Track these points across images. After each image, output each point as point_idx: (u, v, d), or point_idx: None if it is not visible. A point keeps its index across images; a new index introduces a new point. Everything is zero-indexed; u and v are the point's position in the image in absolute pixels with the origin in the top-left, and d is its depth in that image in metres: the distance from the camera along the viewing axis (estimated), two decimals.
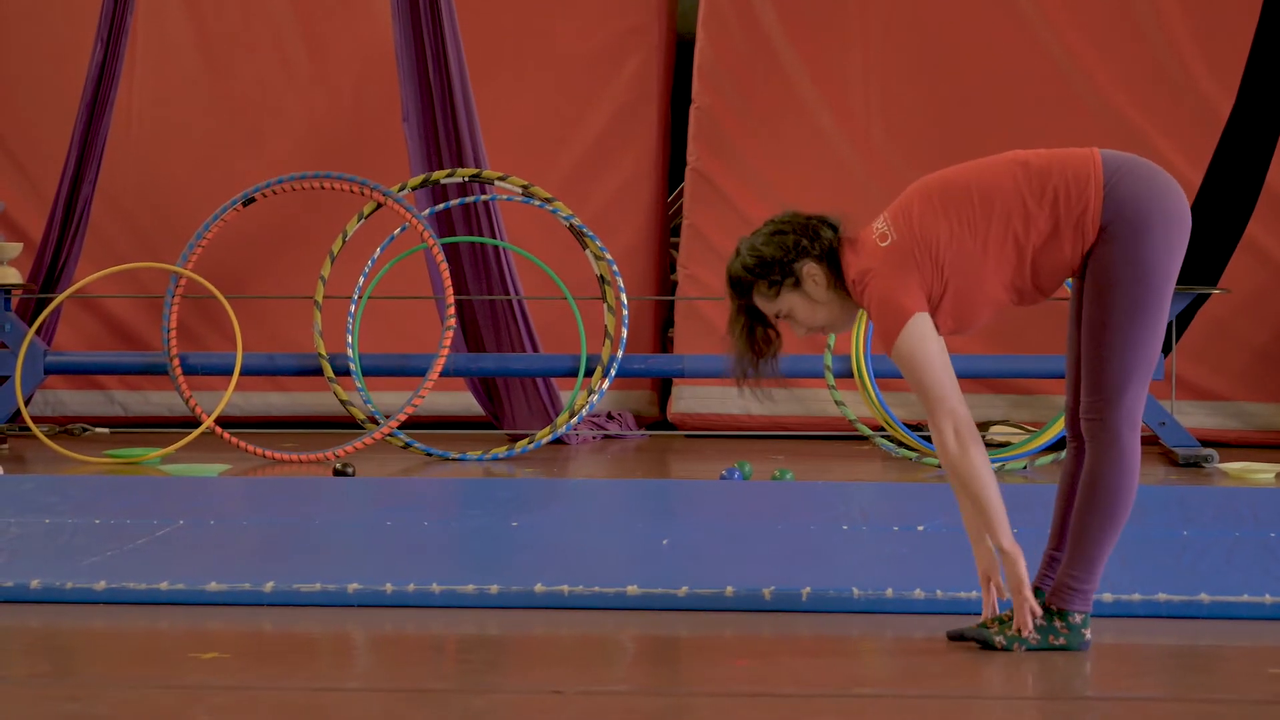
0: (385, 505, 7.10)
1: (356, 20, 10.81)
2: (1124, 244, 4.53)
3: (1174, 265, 4.58)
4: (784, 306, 4.71)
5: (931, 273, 4.58)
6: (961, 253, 4.57)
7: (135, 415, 10.69)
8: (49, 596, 5.27)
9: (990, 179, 4.63)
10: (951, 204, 4.61)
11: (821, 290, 4.69)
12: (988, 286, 4.60)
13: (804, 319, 4.72)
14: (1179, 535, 6.15)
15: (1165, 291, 4.56)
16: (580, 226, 9.40)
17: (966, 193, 4.62)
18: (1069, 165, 4.60)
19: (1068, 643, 4.64)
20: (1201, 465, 8.91)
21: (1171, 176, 4.64)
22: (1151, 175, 4.60)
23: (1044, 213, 4.57)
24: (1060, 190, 4.57)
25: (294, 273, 10.53)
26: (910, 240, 4.59)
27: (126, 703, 4.18)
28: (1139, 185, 4.56)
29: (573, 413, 9.29)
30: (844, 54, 10.58)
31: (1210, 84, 10.19)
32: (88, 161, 9.89)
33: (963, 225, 4.59)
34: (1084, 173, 4.57)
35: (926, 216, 4.61)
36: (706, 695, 4.31)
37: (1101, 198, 4.54)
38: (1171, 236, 4.56)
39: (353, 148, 10.67)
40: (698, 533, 6.37)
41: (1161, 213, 4.55)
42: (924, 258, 4.58)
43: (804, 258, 4.70)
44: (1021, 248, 4.58)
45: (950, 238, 4.58)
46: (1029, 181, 4.60)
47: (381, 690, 4.34)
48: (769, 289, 4.70)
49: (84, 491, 7.23)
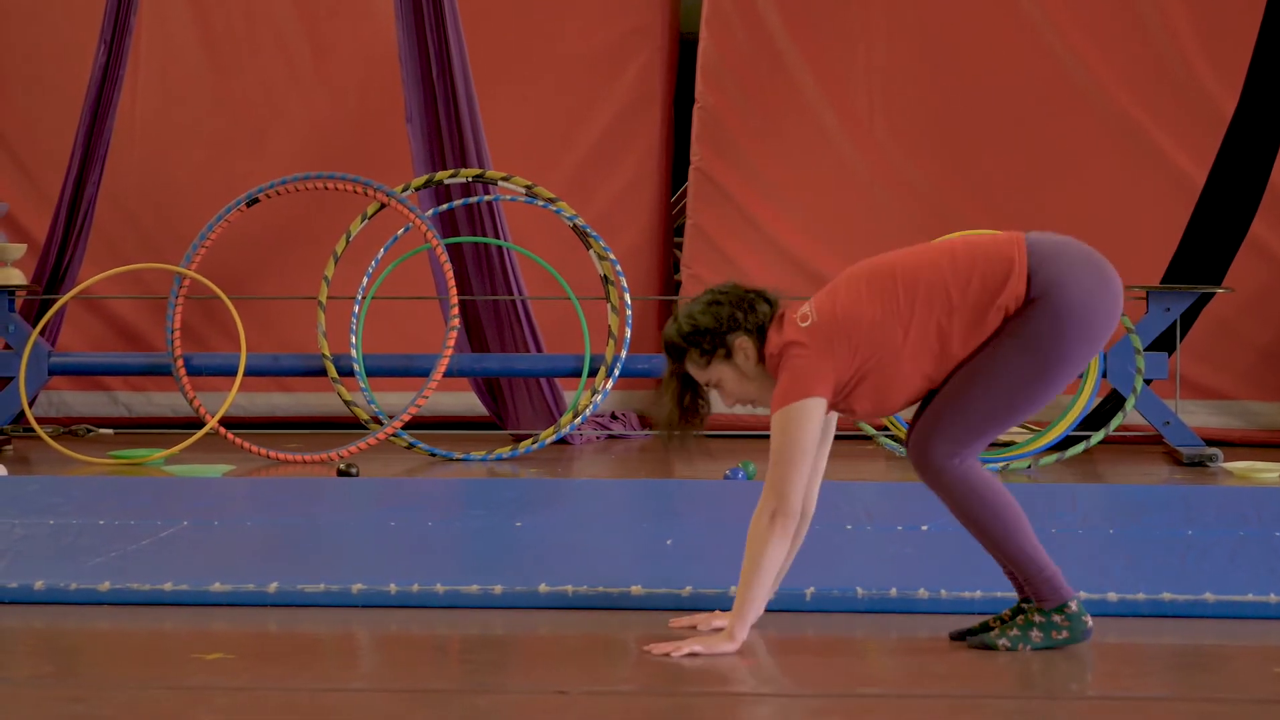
0: (389, 505, 7.10)
1: (360, 21, 10.82)
2: (1039, 321, 4.54)
3: (1081, 358, 4.60)
4: (714, 376, 4.76)
5: (847, 357, 4.60)
6: (882, 340, 4.59)
7: (139, 416, 10.70)
8: (53, 597, 5.27)
9: (916, 267, 4.65)
10: (877, 290, 4.64)
11: (750, 364, 4.74)
12: (905, 372, 4.62)
13: (732, 390, 4.77)
14: (1183, 535, 6.15)
15: (1058, 379, 4.59)
16: (584, 226, 9.40)
17: (892, 279, 4.65)
18: (993, 251, 4.60)
19: (1070, 634, 4.64)
20: (1206, 464, 8.91)
21: (1110, 268, 4.63)
22: (1083, 263, 4.60)
23: (967, 302, 4.57)
24: (984, 278, 4.57)
25: (298, 273, 10.53)
26: (830, 324, 4.62)
27: (131, 703, 4.18)
28: (1065, 272, 4.56)
29: (576, 413, 9.29)
30: (847, 53, 10.58)
31: (1214, 83, 10.19)
32: (91, 162, 9.89)
33: (886, 312, 4.61)
34: (1007, 256, 4.58)
35: (850, 302, 4.64)
36: (711, 695, 4.31)
37: (1025, 280, 4.55)
38: (1091, 329, 4.57)
39: (356, 148, 10.67)
40: (701, 533, 6.37)
41: (1083, 305, 4.56)
42: (841, 342, 4.60)
43: (736, 331, 4.72)
44: (945, 336, 4.59)
45: (871, 324, 4.60)
46: (954, 271, 4.61)
47: (386, 690, 4.34)
48: (701, 357, 4.75)
49: (88, 492, 7.24)
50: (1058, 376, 4.59)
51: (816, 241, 10.51)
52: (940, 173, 10.48)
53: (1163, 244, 9.81)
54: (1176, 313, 9.31)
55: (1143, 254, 10.06)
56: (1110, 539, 6.15)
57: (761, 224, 10.53)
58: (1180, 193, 10.05)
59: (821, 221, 10.51)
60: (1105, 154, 10.35)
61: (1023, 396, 4.60)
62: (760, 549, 4.61)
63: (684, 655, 4.59)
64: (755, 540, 4.62)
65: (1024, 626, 4.65)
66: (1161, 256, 9.76)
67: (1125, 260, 10.19)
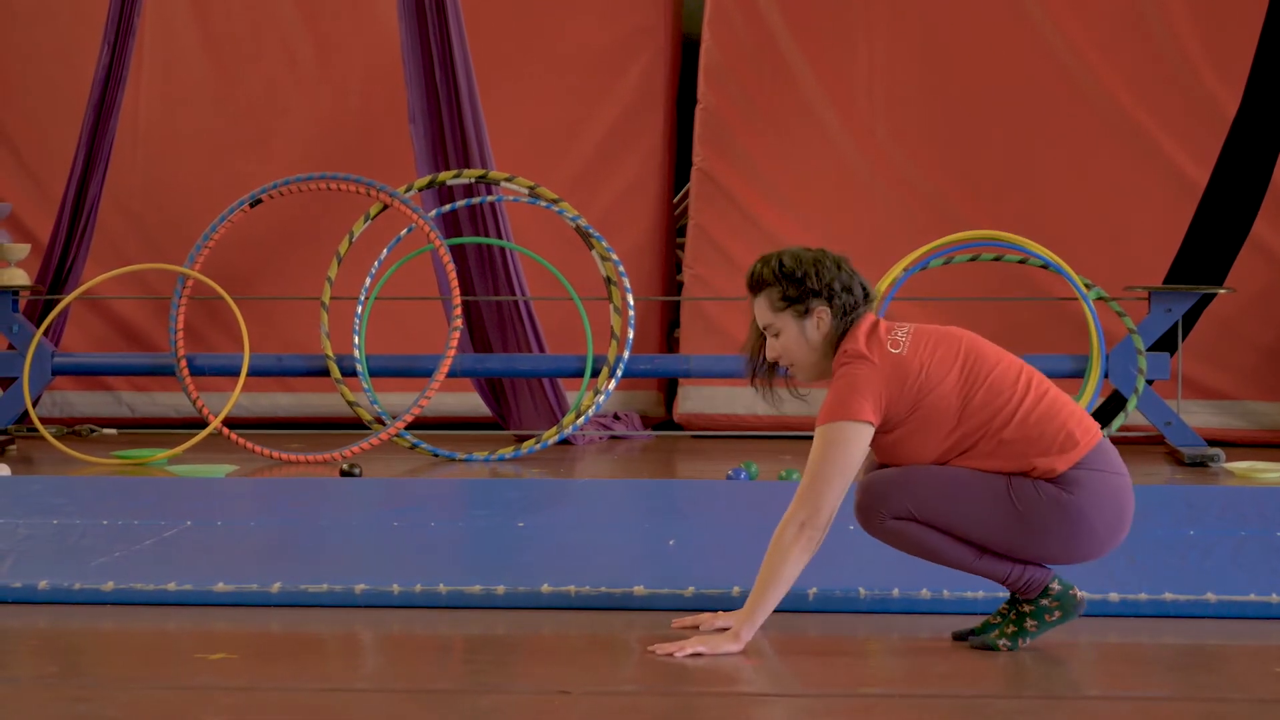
0: (392, 506, 7.10)
1: (363, 21, 10.82)
2: (1047, 505, 4.55)
3: (1053, 555, 4.61)
4: (779, 324, 4.72)
5: (904, 406, 4.59)
6: (936, 416, 4.59)
7: (143, 416, 10.70)
8: (57, 597, 5.28)
9: (1007, 378, 4.63)
10: (965, 373, 4.62)
11: (817, 335, 4.70)
12: (928, 447, 4.62)
13: (787, 345, 4.72)
14: (1185, 535, 6.15)
15: (1025, 549, 4.59)
16: (586, 227, 9.41)
17: (982, 375, 4.62)
18: (1069, 419, 4.60)
19: (1063, 611, 4.65)
20: (1207, 465, 8.91)
21: (1128, 519, 4.64)
22: (1115, 497, 4.60)
23: (1014, 439, 4.57)
24: (1049, 434, 4.57)
25: (301, 274, 10.54)
26: (914, 366, 4.60)
27: (134, 703, 4.18)
28: (1100, 491, 4.57)
29: (579, 413, 9.29)
30: (849, 54, 10.58)
31: (1216, 83, 10.19)
32: (95, 163, 9.90)
33: (957, 397, 4.59)
34: (1073, 435, 4.58)
35: (939, 363, 4.61)
36: (713, 695, 4.31)
37: (1069, 465, 4.57)
38: (1078, 546, 4.59)
39: (359, 149, 10.67)
40: (704, 533, 6.37)
41: (1089, 528, 4.57)
42: (910, 391, 4.59)
43: (822, 297, 4.69)
44: (975, 445, 4.59)
45: (939, 398, 4.59)
46: (1027, 408, 4.60)
47: (389, 691, 4.35)
48: (779, 300, 4.71)
49: (91, 492, 7.25)
50: (1025, 547, 4.61)
51: (818, 242, 10.34)
52: (942, 173, 10.48)
53: (1165, 244, 9.81)
54: (1178, 313, 9.31)
55: (1145, 254, 10.07)
56: None
57: (763, 224, 10.53)
58: (1182, 193, 10.05)
59: (823, 222, 10.50)
60: (1107, 154, 10.35)
61: (982, 535, 4.61)
62: (783, 558, 4.59)
63: (687, 655, 4.59)
64: (779, 549, 4.59)
65: (1017, 621, 4.67)
66: (1163, 257, 9.76)
67: (1127, 260, 10.29)
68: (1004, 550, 4.61)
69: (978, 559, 4.63)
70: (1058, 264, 8.94)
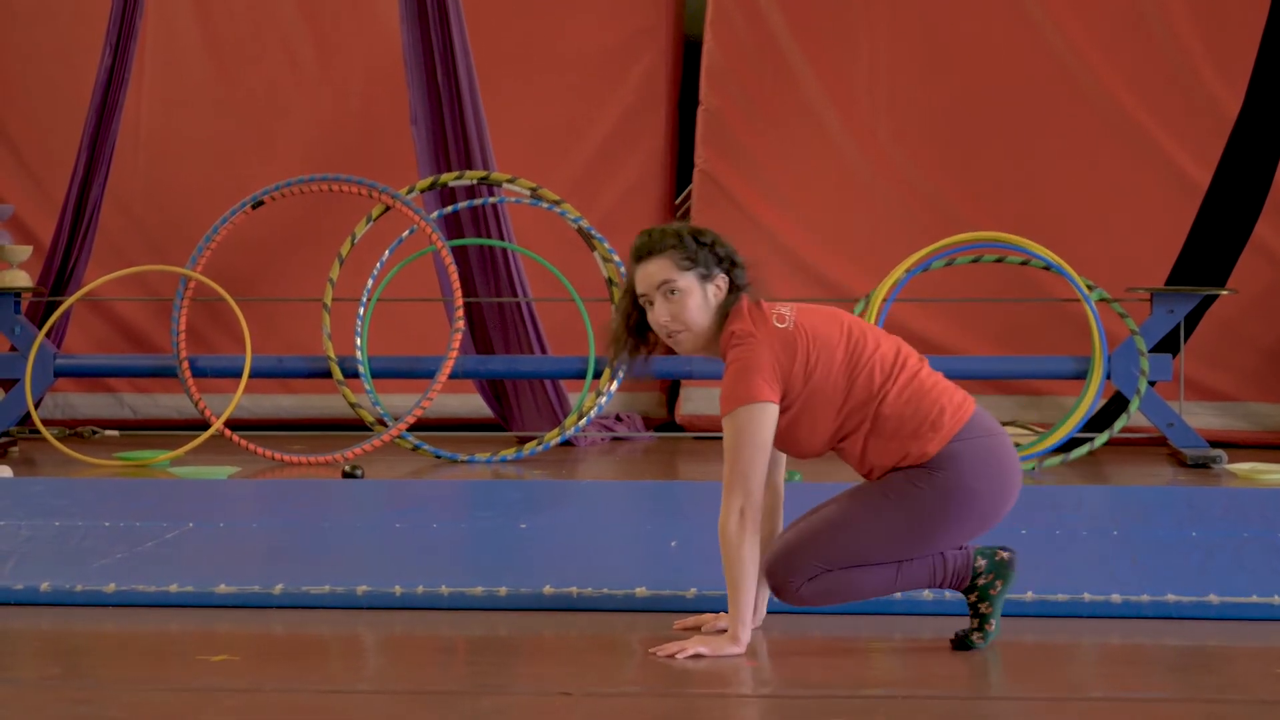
0: (394, 507, 7.11)
1: (365, 23, 10.83)
2: (926, 495, 4.59)
3: (958, 535, 4.64)
4: (684, 283, 4.73)
5: (797, 380, 4.63)
6: (827, 388, 4.63)
7: (145, 418, 10.71)
8: (59, 599, 5.28)
9: (891, 354, 4.69)
10: (851, 347, 4.67)
11: (713, 303, 4.74)
12: (820, 424, 4.66)
13: (684, 305, 4.71)
14: (1187, 536, 6.15)
15: (929, 544, 4.63)
16: (588, 228, 9.41)
17: (867, 349, 4.68)
18: (942, 395, 4.65)
19: (1001, 578, 4.66)
20: (1210, 466, 8.91)
21: (1014, 469, 4.67)
22: (999, 461, 4.63)
23: (892, 414, 4.62)
24: (923, 411, 4.62)
25: (303, 275, 10.54)
26: (801, 339, 4.65)
27: (137, 705, 4.19)
28: (977, 460, 4.61)
29: (581, 414, 9.30)
30: (851, 55, 10.58)
31: (1218, 85, 10.19)
32: (97, 164, 9.90)
33: (847, 367, 4.64)
34: (945, 411, 4.62)
35: (826, 336, 4.68)
36: (715, 696, 4.32)
37: (942, 444, 4.61)
38: (968, 513, 4.61)
39: (361, 150, 10.68)
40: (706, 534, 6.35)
41: (972, 491, 4.60)
42: (800, 361, 4.64)
43: (724, 269, 4.76)
44: (859, 420, 4.63)
45: (828, 368, 4.63)
46: (907, 383, 4.65)
47: (391, 692, 4.35)
48: (685, 259, 4.74)
49: (94, 494, 7.25)
50: (931, 540, 4.64)
51: (820, 243, 10.51)
52: (943, 174, 10.49)
53: (1167, 246, 9.81)
54: (1180, 314, 9.31)
55: (1147, 256, 10.07)
56: (1114, 540, 6.16)
57: (765, 225, 10.53)
58: (1184, 194, 10.05)
59: (825, 223, 10.51)
60: (1109, 156, 10.35)
61: (888, 549, 4.65)
62: (736, 549, 4.62)
63: (688, 657, 4.59)
64: (730, 543, 4.63)
65: (975, 614, 4.70)
66: (1166, 258, 9.76)
67: (1129, 262, 10.29)
68: (915, 553, 4.65)
69: (898, 575, 4.67)
70: (1060, 265, 8.94)
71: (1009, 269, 9.87)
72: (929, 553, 4.66)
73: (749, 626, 4.66)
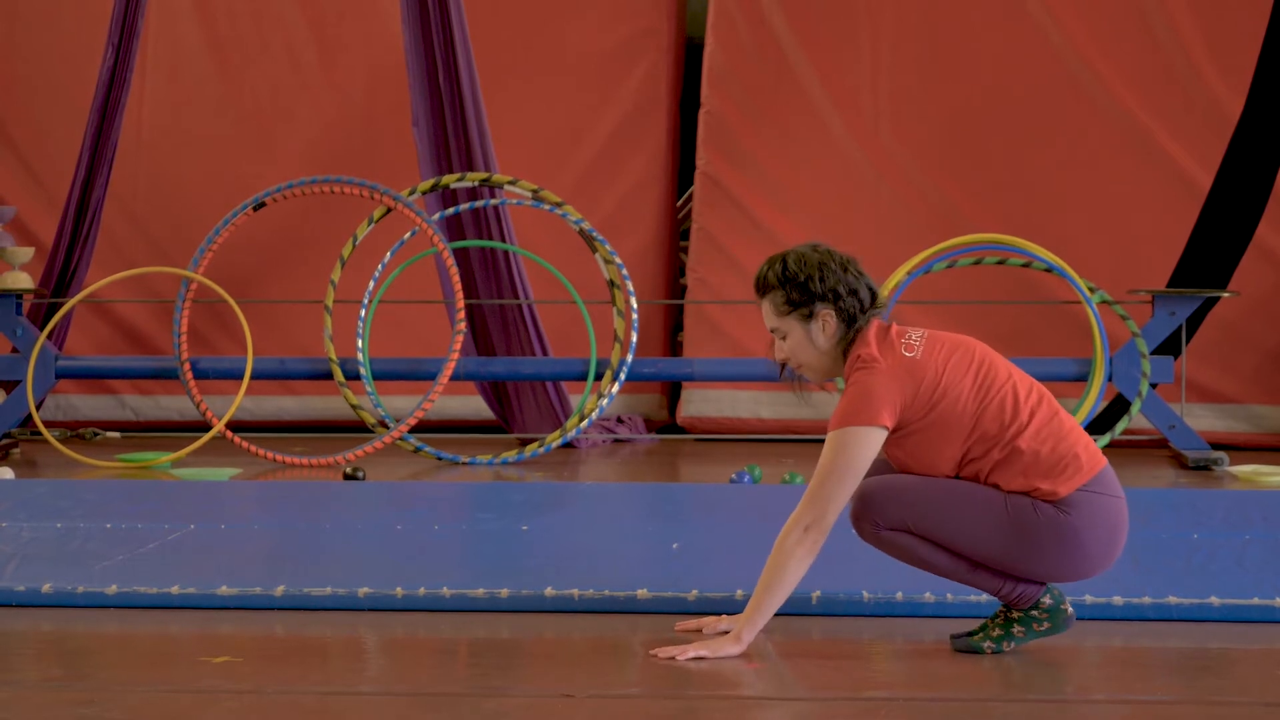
0: (396, 509, 7.10)
1: (367, 25, 10.83)
2: (1044, 527, 4.56)
3: (1038, 569, 4.61)
4: (784, 327, 4.71)
5: (919, 408, 4.58)
6: (953, 418, 4.58)
7: (146, 419, 10.71)
8: (61, 600, 5.28)
9: (1020, 391, 4.63)
10: (980, 380, 4.61)
11: (823, 338, 4.70)
12: (943, 455, 4.61)
13: (791, 348, 4.72)
14: (1189, 538, 6.15)
15: (1017, 566, 4.60)
16: (590, 230, 9.41)
17: (996, 382, 4.61)
18: (1077, 445, 4.61)
19: (1052, 624, 4.66)
20: (1211, 468, 8.90)
21: (1120, 544, 4.65)
22: (1113, 526, 4.62)
23: (1024, 455, 4.57)
24: (1060, 452, 4.58)
25: (305, 277, 10.54)
26: (929, 369, 4.60)
27: (138, 706, 4.19)
28: (1097, 517, 4.58)
29: (582, 416, 9.29)
30: (853, 57, 10.58)
31: (1220, 87, 10.19)
32: (99, 166, 9.90)
33: (973, 401, 4.59)
34: (1077, 460, 4.58)
35: (954, 368, 4.61)
36: (717, 698, 4.31)
37: (1071, 490, 4.57)
38: (1067, 561, 4.59)
39: (363, 152, 10.68)
40: (708, 536, 6.37)
41: (1083, 552, 4.58)
42: (925, 393, 4.58)
43: (828, 300, 4.67)
44: (988, 448, 4.59)
45: (954, 400, 4.58)
46: (1039, 422, 4.60)
47: (393, 694, 4.35)
48: (783, 304, 4.70)
49: (95, 496, 7.25)
50: (1018, 565, 4.61)
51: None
52: (946, 176, 10.48)
53: (1169, 248, 9.81)
54: (1182, 316, 9.31)
55: (1149, 257, 10.07)
56: None
57: (767, 227, 10.53)
58: (1186, 196, 10.05)
59: (828, 225, 10.50)
60: (1111, 157, 10.35)
61: (976, 551, 4.61)
62: (787, 560, 4.59)
63: (689, 659, 4.59)
64: (783, 551, 4.59)
65: (1005, 626, 4.68)
66: (1167, 260, 9.76)
67: (1131, 264, 10.29)
68: (997, 567, 4.62)
69: (971, 572, 4.65)
70: (1061, 267, 8.94)
71: (1010, 271, 9.87)
72: (1010, 573, 4.63)
73: (757, 631, 4.65)
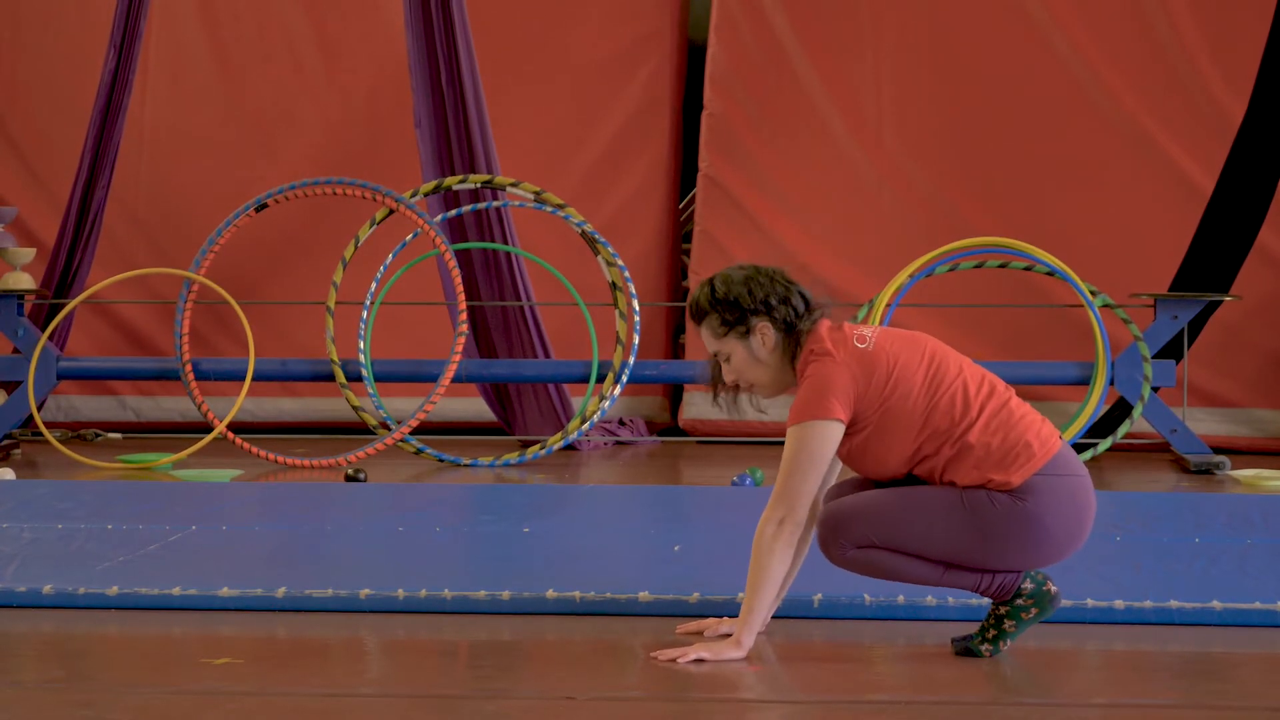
0: (397, 511, 7.10)
1: (370, 27, 10.83)
2: (1005, 518, 4.56)
3: (1009, 560, 4.60)
4: (725, 348, 4.77)
5: (873, 400, 4.60)
6: (904, 412, 4.60)
7: (147, 420, 10.71)
8: (62, 602, 5.28)
9: (972, 382, 4.66)
10: (932, 374, 4.64)
11: (765, 351, 4.74)
12: (894, 450, 4.62)
13: (737, 368, 4.77)
14: (1191, 542, 6.15)
15: (991, 560, 4.60)
16: (592, 233, 9.41)
17: (947, 375, 4.64)
18: (1030, 429, 4.62)
19: (1039, 608, 4.65)
20: (1213, 472, 8.90)
21: (1092, 518, 4.65)
22: (1077, 504, 4.61)
23: (979, 443, 4.59)
24: (1010, 441, 4.59)
25: (306, 278, 10.54)
26: (882, 361, 4.62)
27: (139, 708, 4.19)
28: (1056, 499, 4.58)
29: (584, 419, 9.29)
30: (856, 60, 10.58)
31: (1223, 90, 10.18)
32: (101, 167, 9.90)
33: (924, 395, 4.60)
34: (1029, 445, 4.59)
35: (906, 362, 4.64)
36: (719, 701, 4.31)
37: (1025, 477, 4.57)
38: (1035, 547, 4.59)
39: (366, 154, 10.68)
40: (709, 539, 6.37)
41: (1046, 528, 4.57)
42: (878, 384, 4.61)
43: (760, 314, 4.71)
44: (939, 445, 4.60)
45: (906, 394, 4.60)
46: (995, 413, 4.62)
47: (393, 696, 4.35)
48: (720, 326, 4.76)
49: (96, 497, 7.25)
50: (988, 558, 4.62)
51: (825, 248, 10.51)
52: (949, 180, 10.48)
53: (1171, 251, 9.81)
54: (1184, 320, 9.30)
55: (1151, 261, 10.06)
56: (1117, 546, 6.15)
57: (770, 230, 10.53)
58: (1188, 200, 10.05)
59: (830, 228, 10.51)
60: (1114, 161, 10.34)
61: (944, 552, 4.62)
62: (767, 557, 4.62)
63: (690, 661, 4.59)
64: (761, 548, 4.62)
65: (996, 624, 4.68)
66: (1169, 264, 9.76)
67: (1133, 267, 10.28)
68: (967, 564, 4.63)
69: (944, 574, 4.66)
70: (1063, 271, 8.94)
71: (1012, 274, 9.87)
72: (982, 568, 4.64)
73: (755, 632, 4.66)
